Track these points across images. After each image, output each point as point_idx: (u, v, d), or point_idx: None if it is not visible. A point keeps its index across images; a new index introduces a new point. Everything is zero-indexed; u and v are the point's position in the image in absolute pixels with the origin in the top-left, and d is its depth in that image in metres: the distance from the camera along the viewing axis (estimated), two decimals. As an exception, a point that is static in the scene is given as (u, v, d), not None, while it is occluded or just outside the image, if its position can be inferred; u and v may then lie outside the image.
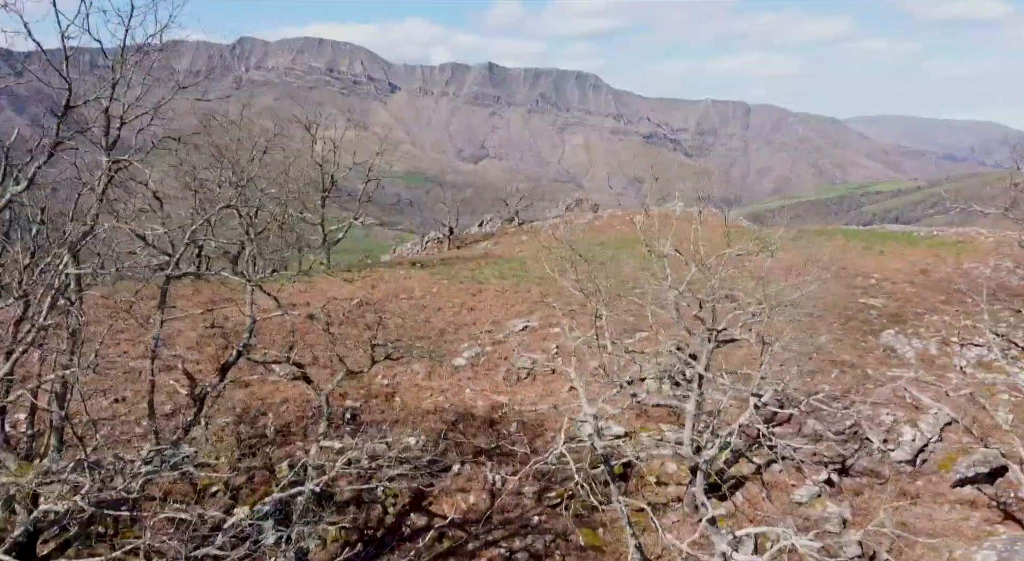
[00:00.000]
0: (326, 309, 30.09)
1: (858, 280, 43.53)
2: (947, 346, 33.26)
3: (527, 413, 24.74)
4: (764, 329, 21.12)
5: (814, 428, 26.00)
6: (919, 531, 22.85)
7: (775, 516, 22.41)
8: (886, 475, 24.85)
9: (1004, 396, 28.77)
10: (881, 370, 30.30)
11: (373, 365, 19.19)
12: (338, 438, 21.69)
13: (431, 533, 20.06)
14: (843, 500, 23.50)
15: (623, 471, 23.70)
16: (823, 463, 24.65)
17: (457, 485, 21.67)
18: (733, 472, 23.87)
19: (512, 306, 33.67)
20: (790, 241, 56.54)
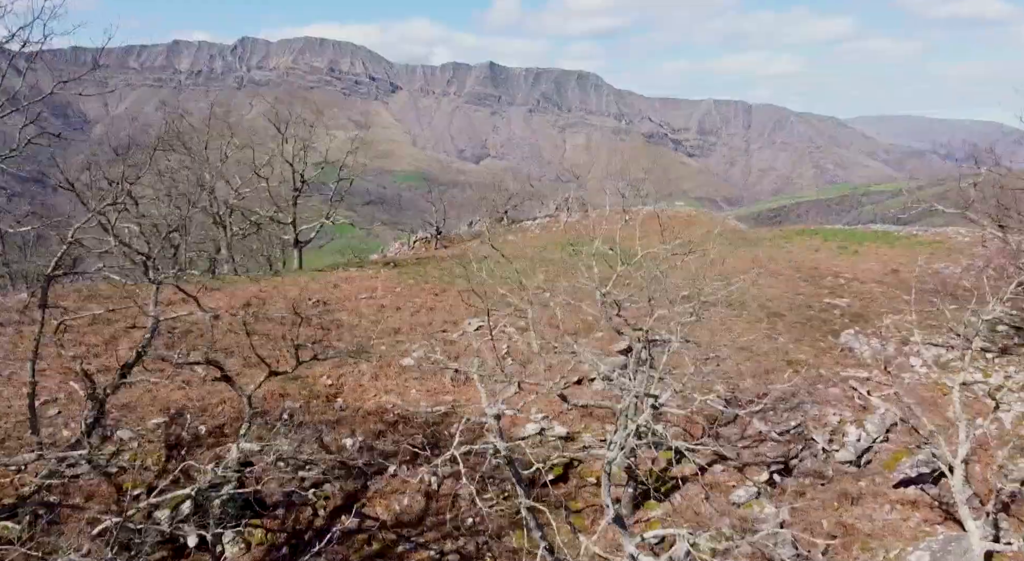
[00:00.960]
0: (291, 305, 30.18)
1: (828, 280, 43.53)
2: (906, 346, 33.22)
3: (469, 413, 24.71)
4: (689, 330, 20.90)
5: (759, 428, 25.97)
6: (858, 531, 22.89)
7: (713, 517, 22.41)
8: (829, 475, 24.83)
9: (956, 395, 28.70)
10: (835, 370, 30.26)
11: (298, 365, 19.17)
12: (271, 439, 21.74)
13: (361, 535, 20.08)
14: (783, 501, 23.45)
15: (562, 472, 23.73)
16: (766, 463, 24.62)
17: (392, 487, 21.66)
18: (675, 473, 23.81)
19: (472, 306, 33.63)
20: (768, 241, 56.78)
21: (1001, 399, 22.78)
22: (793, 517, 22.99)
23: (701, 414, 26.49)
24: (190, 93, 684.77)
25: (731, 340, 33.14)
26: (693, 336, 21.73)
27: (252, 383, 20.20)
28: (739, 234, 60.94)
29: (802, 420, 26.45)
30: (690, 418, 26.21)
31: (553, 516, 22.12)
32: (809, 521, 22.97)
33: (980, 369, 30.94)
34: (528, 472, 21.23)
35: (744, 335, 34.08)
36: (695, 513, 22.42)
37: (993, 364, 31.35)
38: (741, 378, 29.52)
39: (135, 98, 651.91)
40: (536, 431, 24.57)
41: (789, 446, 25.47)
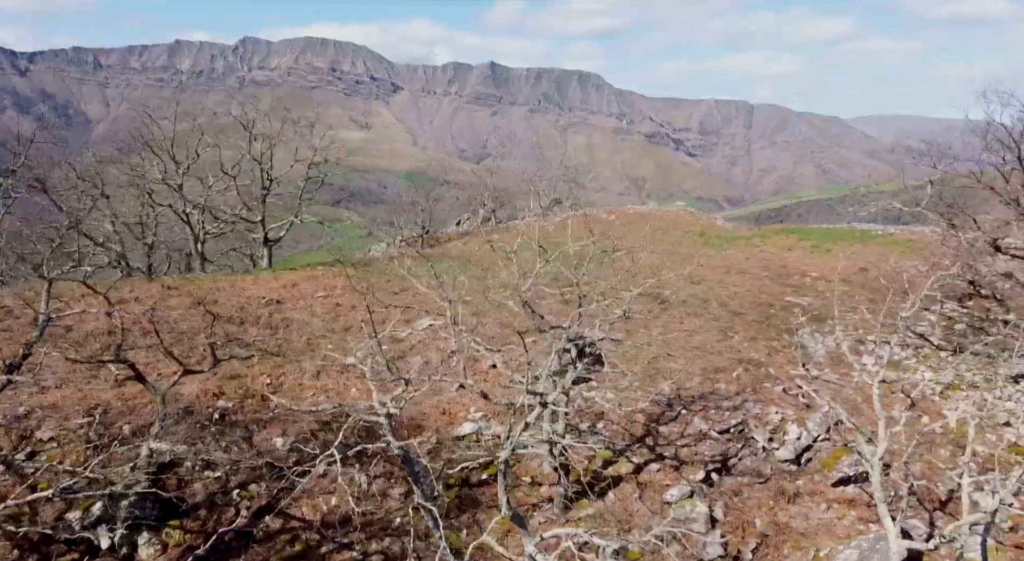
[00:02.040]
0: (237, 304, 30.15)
1: (795, 279, 43.45)
2: (862, 344, 33.14)
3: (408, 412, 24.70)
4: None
5: (699, 427, 25.89)
6: (791, 530, 22.83)
7: (644, 516, 22.34)
8: (768, 474, 24.76)
9: (903, 394, 28.64)
10: (786, 369, 30.19)
11: (216, 364, 19.13)
12: (200, 440, 21.73)
13: (284, 536, 20.02)
14: (718, 499, 23.38)
15: (495, 471, 23.64)
16: (703, 462, 24.54)
17: (321, 486, 21.60)
18: (611, 472, 23.77)
19: (428, 304, 33.56)
20: (744, 240, 56.62)
21: (921, 396, 22.71)
22: (727, 515, 22.91)
23: (643, 413, 26.44)
24: (191, 93, 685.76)
25: (685, 339, 33.18)
26: (630, 334, 21.43)
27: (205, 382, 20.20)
28: (718, 233, 60.78)
29: (744, 418, 26.38)
30: (631, 417, 26.18)
31: (485, 516, 22.21)
32: (744, 520, 22.90)
33: (932, 368, 30.86)
34: (455, 471, 21.27)
35: (699, 333, 34.11)
36: (627, 512, 22.34)
37: (947, 363, 31.23)
38: (689, 377, 29.45)
39: (136, 98, 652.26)
40: (473, 430, 24.51)
41: (728, 445, 25.39)
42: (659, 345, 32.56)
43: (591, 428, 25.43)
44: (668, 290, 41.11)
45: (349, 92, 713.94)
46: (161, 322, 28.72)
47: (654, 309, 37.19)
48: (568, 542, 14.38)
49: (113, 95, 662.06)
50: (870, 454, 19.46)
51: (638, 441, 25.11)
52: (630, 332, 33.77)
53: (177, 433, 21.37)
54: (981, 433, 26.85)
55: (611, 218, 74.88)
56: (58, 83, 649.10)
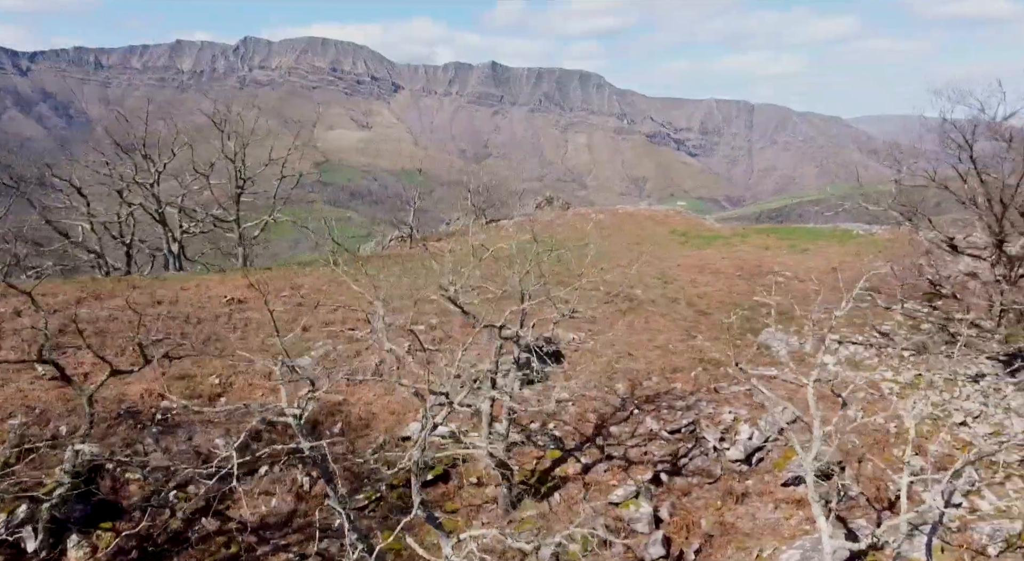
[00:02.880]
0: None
1: (767, 278, 43.26)
2: (825, 344, 32.99)
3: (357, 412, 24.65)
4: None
5: (651, 427, 25.78)
6: (737, 530, 22.72)
7: (589, 517, 22.21)
8: (718, 474, 24.63)
9: (860, 394, 28.57)
10: (746, 368, 30.03)
11: (146, 364, 19.06)
12: (139, 441, 21.65)
13: (220, 538, 19.93)
14: (666, 500, 23.27)
15: (443, 472, 23.57)
16: (652, 462, 24.43)
17: (261, 488, 21.53)
18: (559, 472, 23.68)
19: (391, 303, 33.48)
20: (724, 239, 56.50)
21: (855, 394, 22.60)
22: (673, 516, 22.81)
23: (595, 413, 26.35)
24: (192, 93, 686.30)
25: (649, 338, 33.10)
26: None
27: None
28: (700, 233, 60.69)
29: (696, 418, 26.27)
30: (583, 417, 26.09)
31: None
32: (690, 520, 22.79)
33: (892, 368, 30.76)
34: (391, 472, 21.17)
35: (664, 333, 34.01)
36: (571, 513, 22.23)
37: (908, 362, 31.13)
38: (648, 376, 29.36)
39: (137, 98, 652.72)
40: (418, 430, 24.33)
41: (679, 445, 25.27)
42: (622, 344, 32.49)
43: (542, 428, 25.32)
44: (639, 289, 41.12)
45: (350, 92, 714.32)
46: (116, 321, 28.69)
47: (622, 308, 37.11)
48: (495, 543, 14.33)
49: (114, 95, 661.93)
50: (803, 454, 19.33)
51: (588, 441, 25.01)
52: (593, 331, 33.69)
53: (116, 434, 21.32)
54: (936, 433, 26.76)
55: (600, 218, 74.78)
56: (59, 83, 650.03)
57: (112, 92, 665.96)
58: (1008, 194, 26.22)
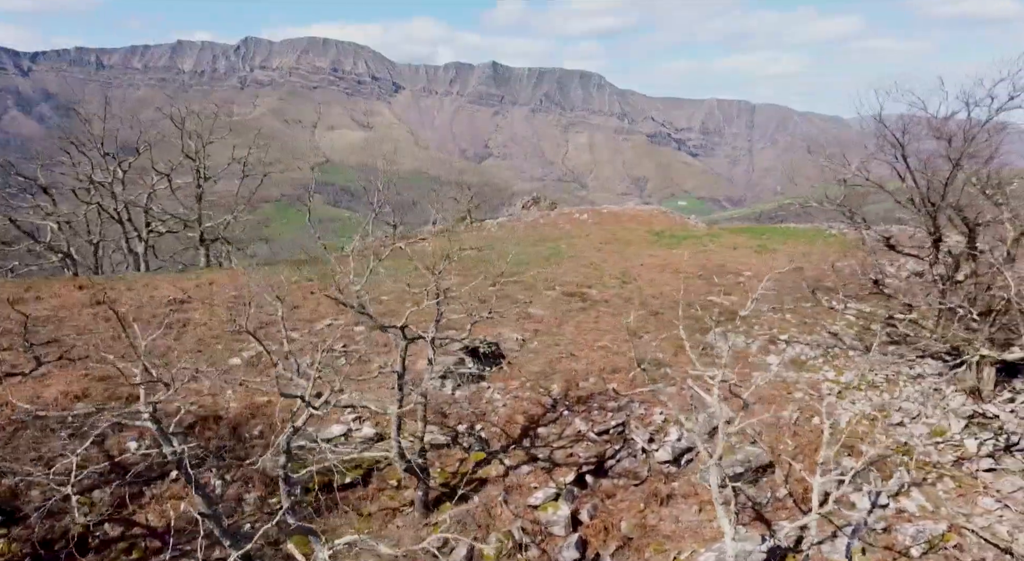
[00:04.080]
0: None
1: (728, 278, 43.09)
2: (773, 344, 32.79)
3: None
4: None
5: (579, 428, 25.51)
6: (658, 532, 22.44)
7: (507, 519, 21.98)
8: (644, 476, 24.36)
9: (799, 394, 28.32)
10: (685, 369, 29.76)
11: (39, 366, 18.82)
12: (46, 444, 21.41)
13: (122, 544, 19.69)
14: (588, 502, 23.00)
15: (364, 474, 23.33)
16: (577, 464, 24.16)
17: (172, 492, 21.26)
18: (481, 474, 23.42)
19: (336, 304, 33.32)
20: (694, 240, 56.22)
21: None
22: (594, 518, 22.53)
23: (524, 414, 26.11)
24: (193, 93, 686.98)
25: (594, 338, 32.85)
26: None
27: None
28: (674, 233, 60.47)
29: (626, 419, 26.01)
30: (511, 418, 25.85)
31: (343, 521, 21.86)
32: (610, 522, 22.51)
33: (836, 368, 30.51)
34: (303, 473, 20.89)
35: (611, 332, 33.76)
36: (489, 515, 21.97)
37: (852, 363, 30.87)
38: (586, 376, 29.11)
39: (138, 98, 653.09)
40: (342, 432, 24.14)
41: (606, 446, 25.00)
42: (567, 344, 32.27)
43: (470, 429, 25.07)
44: (596, 289, 40.90)
45: (351, 92, 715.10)
46: (49, 322, 28.52)
47: (574, 307, 36.89)
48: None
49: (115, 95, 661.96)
50: (707, 453, 19.09)
51: (514, 443, 24.74)
52: (540, 331, 33.47)
53: (22, 438, 21.10)
54: (872, 433, 26.54)
55: (584, 217, 74.65)
56: (60, 83, 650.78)
57: (113, 92, 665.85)
58: (936, 194, 25.98)
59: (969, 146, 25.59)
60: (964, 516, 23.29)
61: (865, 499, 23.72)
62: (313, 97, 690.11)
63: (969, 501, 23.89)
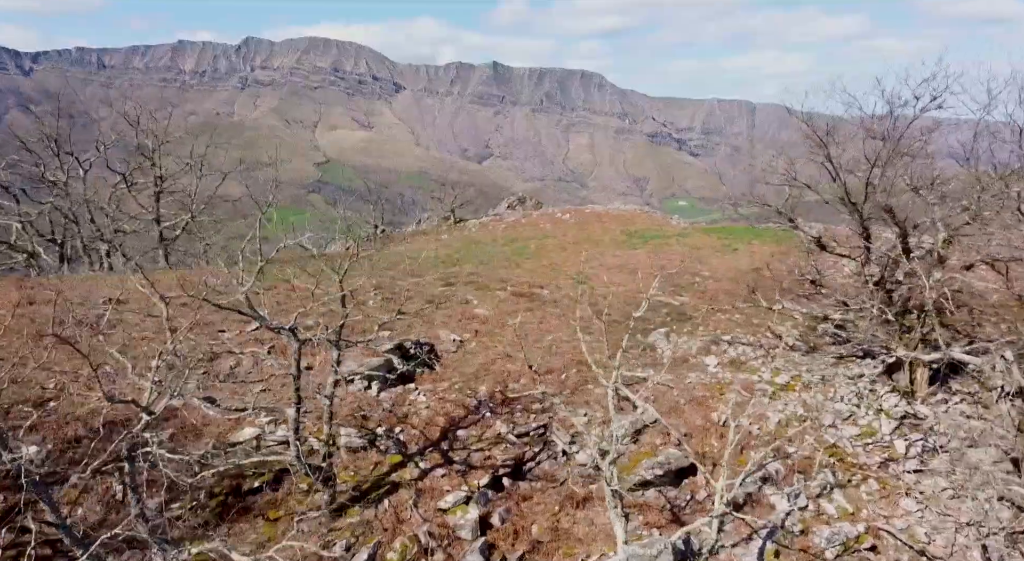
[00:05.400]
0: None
1: (685, 278, 42.78)
2: (716, 345, 32.47)
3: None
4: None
5: (499, 430, 25.23)
6: (570, 536, 22.16)
7: (415, 523, 21.69)
8: (563, 478, 24.08)
9: (731, 395, 27.97)
10: (621, 370, 29.45)
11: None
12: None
13: (11, 551, 19.40)
14: (502, 505, 22.71)
15: (274, 477, 23.04)
16: (494, 467, 23.87)
17: (71, 497, 20.99)
18: (394, 478, 23.12)
19: (274, 306, 33.02)
20: (660, 239, 55.82)
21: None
22: (505, 522, 22.24)
23: (445, 416, 25.83)
24: (194, 93, 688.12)
25: (535, 340, 32.57)
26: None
27: None
28: (643, 233, 60.16)
29: (548, 421, 25.73)
30: (432, 420, 25.57)
31: (248, 525, 21.57)
32: (521, 526, 22.23)
33: (774, 369, 30.19)
34: (197, 479, 20.59)
35: (554, 333, 33.49)
36: (398, 519, 21.67)
37: (792, 362, 30.56)
38: (518, 378, 28.85)
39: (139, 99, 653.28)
40: (253, 435, 23.82)
41: (526, 448, 24.72)
42: (506, 345, 32.00)
43: (389, 432, 24.77)
44: (547, 289, 40.62)
45: (351, 92, 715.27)
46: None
47: (520, 307, 36.62)
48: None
49: (116, 95, 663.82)
50: (599, 458, 18.81)
51: (432, 445, 24.45)
52: (481, 332, 33.20)
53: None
54: (801, 435, 26.24)
55: (565, 217, 74.44)
56: (62, 83, 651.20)
57: (114, 92, 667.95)
58: (860, 194, 25.70)
59: (895, 145, 25.30)
60: (884, 518, 23.02)
61: (784, 501, 23.42)
62: (314, 97, 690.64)
63: (891, 503, 23.61)
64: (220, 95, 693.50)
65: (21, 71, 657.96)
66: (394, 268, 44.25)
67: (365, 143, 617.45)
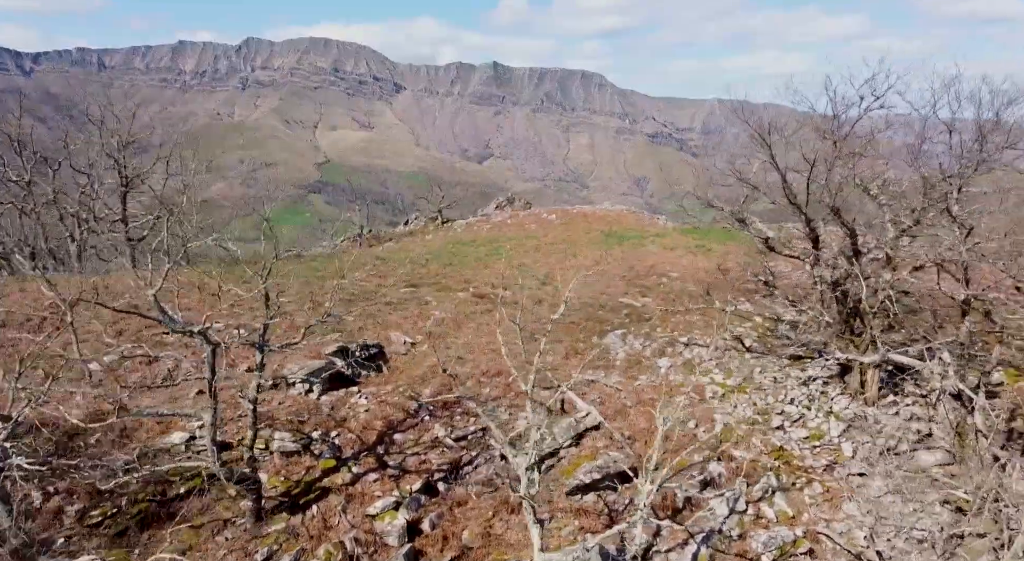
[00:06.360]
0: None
1: (652, 279, 42.38)
2: (672, 346, 32.05)
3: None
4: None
5: (437, 434, 24.82)
6: (501, 541, 21.75)
7: (342, 530, 21.29)
8: (499, 483, 23.67)
9: (681, 398, 27.54)
10: (569, 372, 29.05)
11: None
12: None
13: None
14: (434, 510, 22.30)
15: (204, 483, 22.63)
16: (429, 471, 23.46)
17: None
18: (326, 483, 22.72)
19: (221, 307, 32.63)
20: (637, 240, 55.39)
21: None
22: (436, 528, 21.83)
23: (383, 420, 25.43)
24: (195, 93, 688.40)
25: (488, 341, 32.16)
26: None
27: None
28: (621, 234, 59.74)
29: (487, 424, 25.29)
30: (369, 424, 25.18)
31: (170, 532, 21.12)
32: (452, 532, 21.81)
33: (726, 370, 29.78)
34: (112, 484, 20.24)
35: (507, 334, 32.99)
36: (325, 525, 21.27)
37: (747, 364, 30.15)
38: (464, 380, 28.44)
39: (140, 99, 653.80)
40: (182, 440, 23.40)
41: (463, 452, 24.31)
42: (458, 347, 31.61)
43: (325, 436, 24.38)
44: (511, 290, 40.13)
45: (352, 92, 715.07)
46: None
47: (478, 309, 36.23)
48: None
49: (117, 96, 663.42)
50: (515, 462, 18.40)
51: (368, 450, 24.04)
52: (436, 334, 32.80)
53: None
54: (748, 438, 25.86)
55: (552, 218, 74.10)
56: (62, 84, 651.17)
57: (114, 93, 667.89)
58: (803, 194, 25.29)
59: (841, 143, 24.92)
60: (825, 521, 22.65)
61: (724, 505, 23.02)
62: (314, 97, 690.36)
63: (834, 506, 23.23)
64: (220, 95, 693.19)
65: (22, 72, 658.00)
66: (360, 269, 43.86)
67: (365, 143, 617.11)
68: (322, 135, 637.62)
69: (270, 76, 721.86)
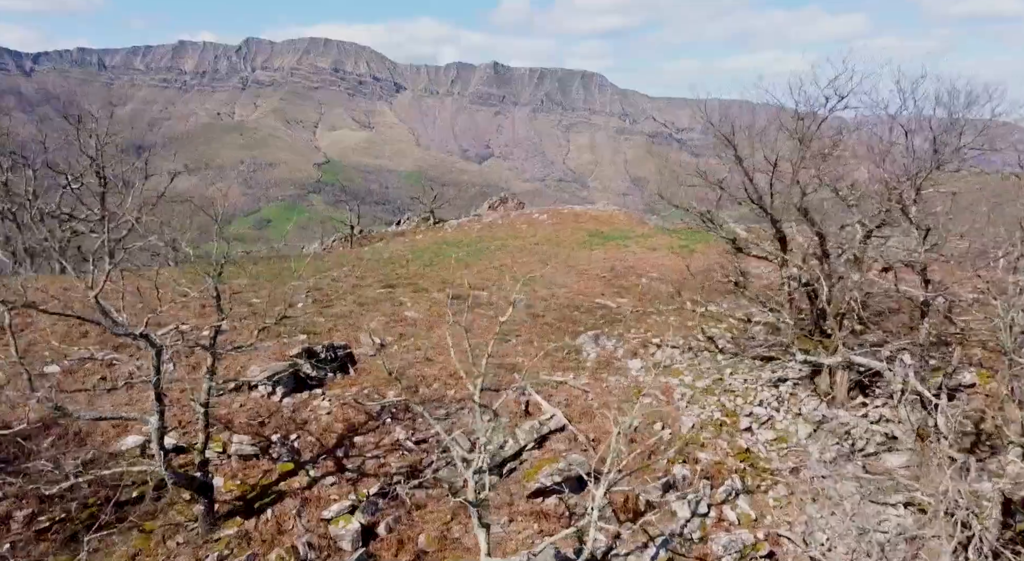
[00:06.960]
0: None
1: (631, 279, 42.11)
2: (644, 347, 31.78)
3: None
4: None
5: (397, 436, 24.54)
6: (458, 545, 21.49)
7: (296, 534, 21.02)
8: (460, 486, 23.38)
9: (648, 400, 27.31)
10: (538, 374, 28.82)
11: None
12: None
13: None
14: (391, 514, 22.03)
15: (157, 487, 22.36)
16: (388, 474, 23.18)
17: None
18: (282, 487, 22.44)
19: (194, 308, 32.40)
20: (621, 240, 55.11)
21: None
22: (392, 532, 21.56)
23: (344, 422, 25.15)
24: (195, 94, 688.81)
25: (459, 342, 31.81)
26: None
27: None
28: (607, 234, 59.52)
29: (451, 427, 25.03)
30: (330, 427, 24.91)
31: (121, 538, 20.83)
32: (408, 536, 21.54)
33: (697, 372, 29.50)
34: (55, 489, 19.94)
35: (483, 335, 32.73)
36: (279, 530, 20.98)
37: (717, 365, 29.87)
38: (431, 382, 28.19)
39: (140, 99, 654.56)
40: (137, 444, 23.08)
41: (423, 455, 24.03)
42: (429, 348, 31.34)
43: (284, 439, 24.09)
44: (488, 291, 39.92)
45: (352, 92, 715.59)
46: None
47: (454, 310, 35.88)
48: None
49: (117, 96, 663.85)
50: (462, 467, 18.14)
51: (327, 453, 23.75)
52: (406, 335, 32.55)
53: None
54: (715, 439, 25.60)
55: (542, 218, 73.93)
56: (62, 84, 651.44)
57: (115, 93, 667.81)
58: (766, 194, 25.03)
59: (805, 143, 24.66)
60: (788, 524, 22.40)
61: (686, 508, 22.77)
62: (314, 97, 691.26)
63: (798, 508, 22.96)
64: (221, 95, 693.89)
65: (22, 72, 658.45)
66: (337, 268, 43.62)
67: (365, 143, 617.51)
68: (322, 135, 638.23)
69: (270, 76, 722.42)
